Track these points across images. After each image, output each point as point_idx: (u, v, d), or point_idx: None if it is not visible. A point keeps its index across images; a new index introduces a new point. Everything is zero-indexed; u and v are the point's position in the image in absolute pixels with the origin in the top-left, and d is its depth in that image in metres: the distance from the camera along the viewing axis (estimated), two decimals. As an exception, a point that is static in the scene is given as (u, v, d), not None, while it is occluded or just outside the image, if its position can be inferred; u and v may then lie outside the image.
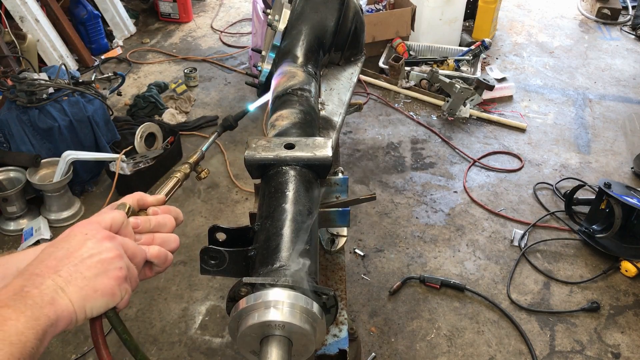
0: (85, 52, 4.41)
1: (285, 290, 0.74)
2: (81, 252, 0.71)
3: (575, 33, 5.11)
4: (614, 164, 3.50)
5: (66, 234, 0.74)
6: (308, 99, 1.25)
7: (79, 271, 0.69)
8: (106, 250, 0.73)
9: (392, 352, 2.38)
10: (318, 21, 1.48)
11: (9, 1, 3.84)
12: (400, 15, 4.35)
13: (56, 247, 0.71)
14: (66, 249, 0.71)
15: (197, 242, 2.89)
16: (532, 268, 2.78)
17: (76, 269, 0.69)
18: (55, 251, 0.70)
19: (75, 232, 0.73)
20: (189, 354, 2.37)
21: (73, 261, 0.70)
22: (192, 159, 1.19)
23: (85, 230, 0.74)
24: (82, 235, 0.73)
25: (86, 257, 0.71)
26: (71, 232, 0.74)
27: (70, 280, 0.68)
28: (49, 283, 0.66)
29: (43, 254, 0.70)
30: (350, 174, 3.36)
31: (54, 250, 0.71)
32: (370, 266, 2.78)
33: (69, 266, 0.69)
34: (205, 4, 5.60)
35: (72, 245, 0.71)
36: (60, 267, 0.68)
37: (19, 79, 2.86)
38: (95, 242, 0.73)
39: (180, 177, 1.10)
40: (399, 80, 4.14)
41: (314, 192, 0.98)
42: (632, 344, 2.44)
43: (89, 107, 3.07)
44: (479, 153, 3.56)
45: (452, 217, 3.08)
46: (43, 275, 0.66)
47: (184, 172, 1.13)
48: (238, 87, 4.20)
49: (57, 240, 0.73)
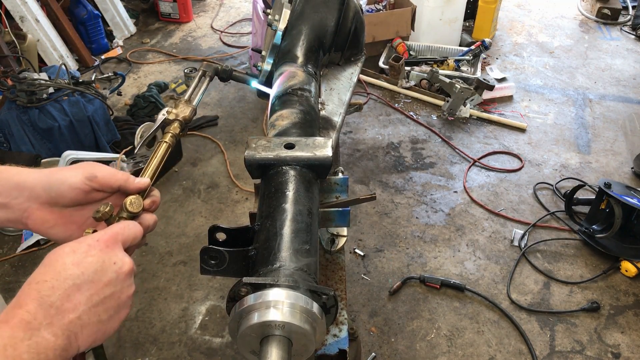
0: (85, 52, 4.41)
1: (285, 290, 0.74)
2: (104, 291, 0.69)
3: (576, 33, 5.11)
4: (614, 164, 3.50)
5: (94, 256, 0.69)
6: (308, 99, 1.25)
7: (97, 313, 0.68)
8: (127, 288, 0.72)
9: (392, 352, 2.38)
10: (318, 21, 1.48)
11: (9, 1, 3.84)
12: (400, 15, 4.35)
13: (83, 270, 0.67)
14: (91, 281, 0.67)
15: (197, 242, 2.89)
16: (532, 268, 2.78)
17: (96, 310, 0.67)
18: (82, 278, 0.67)
19: (104, 260, 0.70)
20: (189, 354, 2.37)
21: (95, 299, 0.67)
22: (182, 115, 1.10)
23: (114, 259, 0.71)
24: (111, 265, 0.70)
25: (108, 296, 0.69)
26: (100, 254, 0.70)
27: (86, 325, 0.66)
28: (66, 326, 0.64)
29: (67, 275, 0.66)
30: (350, 174, 3.36)
31: (80, 276, 0.67)
32: (370, 266, 2.78)
33: (90, 306, 0.67)
34: (205, 4, 5.60)
35: (98, 277, 0.68)
36: (82, 305, 0.66)
37: (19, 79, 2.86)
38: (120, 280, 0.71)
39: (170, 142, 1.02)
40: (399, 80, 4.14)
41: (314, 192, 0.98)
42: (632, 344, 2.43)
43: (89, 107, 3.07)
44: (479, 153, 3.56)
45: (452, 217, 3.08)
46: (63, 314, 0.64)
47: (173, 133, 1.04)
48: (238, 87, 4.20)
49: (83, 258, 0.68)
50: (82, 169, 0.82)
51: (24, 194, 0.80)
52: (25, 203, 0.80)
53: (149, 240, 2.89)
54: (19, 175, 0.80)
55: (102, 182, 0.82)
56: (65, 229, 0.84)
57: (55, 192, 0.80)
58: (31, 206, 0.80)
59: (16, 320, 0.60)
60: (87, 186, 0.81)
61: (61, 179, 0.80)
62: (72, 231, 0.84)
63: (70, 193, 0.81)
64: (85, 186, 0.81)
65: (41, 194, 0.80)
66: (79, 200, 0.82)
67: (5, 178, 0.79)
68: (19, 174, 0.80)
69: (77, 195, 0.81)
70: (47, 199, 0.81)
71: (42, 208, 0.81)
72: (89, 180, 0.81)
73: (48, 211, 0.82)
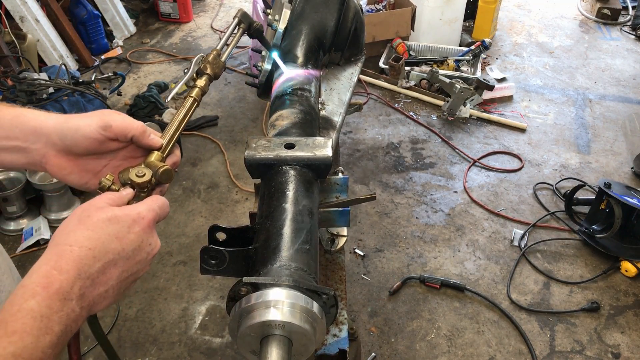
0: (85, 52, 4.41)
1: (285, 289, 0.74)
2: (133, 268, 0.70)
3: (575, 33, 5.11)
4: (614, 164, 3.50)
5: (136, 234, 0.70)
6: (308, 99, 1.25)
7: (120, 287, 0.69)
8: (147, 266, 0.73)
9: (392, 352, 2.38)
10: (318, 21, 1.48)
11: (9, 1, 3.84)
12: (400, 15, 4.35)
13: (124, 247, 0.69)
14: (127, 258, 0.69)
15: (197, 242, 2.89)
16: (532, 268, 2.78)
17: (120, 285, 0.69)
18: (121, 254, 0.68)
19: (143, 240, 0.71)
20: (189, 354, 2.37)
21: (124, 276, 0.69)
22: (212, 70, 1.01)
23: (150, 240, 0.72)
24: (147, 246, 0.72)
25: (134, 273, 0.71)
26: (141, 233, 0.71)
27: (109, 297, 0.68)
28: (93, 298, 0.65)
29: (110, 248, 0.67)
30: (350, 174, 3.36)
31: (121, 252, 0.68)
32: (370, 266, 2.78)
33: (118, 282, 0.68)
34: (205, 4, 5.60)
35: (133, 255, 0.70)
36: (112, 280, 0.67)
37: (19, 79, 2.86)
38: (148, 260, 0.73)
39: (197, 97, 0.97)
40: (399, 80, 4.14)
41: (314, 192, 0.98)
42: (632, 344, 2.43)
43: (89, 107, 3.08)
44: (479, 153, 3.56)
45: (452, 217, 3.08)
46: (95, 287, 0.65)
47: (200, 88, 0.98)
48: (238, 87, 4.20)
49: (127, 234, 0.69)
50: (97, 118, 0.81)
51: (42, 140, 0.80)
52: (43, 148, 0.80)
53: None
54: (35, 120, 0.80)
55: (117, 131, 0.81)
56: (81, 176, 0.84)
57: (69, 140, 0.80)
58: (49, 152, 0.80)
59: (55, 287, 0.60)
60: (102, 136, 0.80)
61: (74, 127, 0.80)
62: (88, 179, 0.85)
63: (84, 142, 0.80)
64: (100, 136, 0.80)
65: (57, 141, 0.80)
66: (94, 149, 0.82)
67: (23, 122, 0.80)
68: (36, 118, 0.80)
69: (91, 144, 0.81)
70: (62, 147, 0.80)
71: (58, 155, 0.81)
72: (103, 129, 0.80)
73: (65, 158, 0.82)
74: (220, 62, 1.04)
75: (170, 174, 0.84)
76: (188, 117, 0.94)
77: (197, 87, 0.98)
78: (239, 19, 1.16)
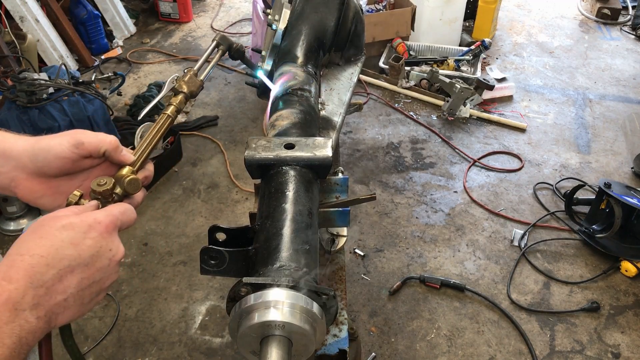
0: (85, 52, 4.41)
1: (285, 290, 0.74)
2: (94, 276, 0.67)
3: (575, 33, 5.11)
4: (614, 164, 3.50)
5: (93, 239, 0.68)
6: (308, 99, 1.25)
7: (82, 297, 0.66)
8: (113, 275, 0.71)
9: (392, 352, 2.38)
10: (318, 21, 1.48)
11: (9, 1, 3.84)
12: (400, 15, 4.35)
13: (80, 252, 0.66)
14: (85, 265, 0.66)
15: (197, 242, 2.89)
16: (532, 268, 2.78)
17: (82, 294, 0.66)
18: (77, 260, 0.65)
19: (102, 246, 0.68)
20: (189, 354, 2.37)
21: (84, 284, 0.66)
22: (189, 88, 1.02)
23: (110, 245, 0.70)
24: (107, 251, 0.69)
25: (96, 281, 0.68)
26: (99, 238, 0.68)
27: (69, 307, 0.65)
28: (51, 308, 0.62)
29: (64, 255, 0.64)
30: (350, 174, 3.36)
31: (77, 258, 0.65)
32: (370, 266, 2.78)
33: (78, 290, 0.65)
34: (205, 4, 5.60)
35: (92, 262, 0.67)
36: (71, 288, 0.64)
37: (19, 79, 2.86)
38: (110, 267, 0.70)
39: (172, 115, 0.97)
40: (399, 80, 4.14)
41: (314, 192, 0.98)
42: (632, 344, 2.43)
43: (89, 107, 3.07)
44: (479, 153, 3.56)
45: (452, 217, 3.08)
46: (51, 296, 0.62)
47: (176, 106, 0.99)
48: (238, 87, 4.20)
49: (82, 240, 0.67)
50: (68, 136, 0.78)
51: (11, 163, 0.77)
52: (12, 172, 0.77)
53: (148, 240, 2.89)
54: (3, 143, 0.77)
55: (90, 148, 0.79)
56: (53, 199, 0.81)
57: (41, 161, 0.77)
58: (18, 175, 0.78)
59: (4, 298, 0.58)
60: (74, 154, 0.78)
61: (46, 148, 0.77)
62: (60, 201, 0.81)
63: (57, 162, 0.77)
64: (73, 154, 0.78)
65: (27, 163, 0.77)
66: (67, 169, 0.79)
67: None
68: (5, 141, 0.77)
69: (64, 164, 0.78)
70: (33, 169, 0.78)
71: (29, 178, 0.78)
72: (75, 147, 0.77)
73: (36, 181, 0.79)
74: (197, 81, 1.04)
75: (137, 184, 0.82)
76: (162, 133, 0.94)
77: (172, 104, 0.99)
78: (217, 41, 1.18)
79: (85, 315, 0.69)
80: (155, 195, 3.18)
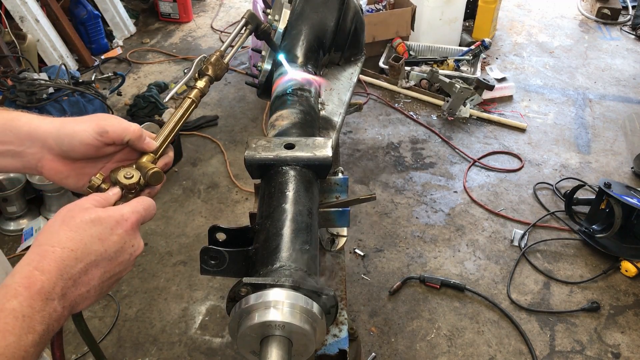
0: (85, 52, 4.41)
1: (285, 290, 0.74)
2: (115, 269, 0.71)
3: (575, 33, 5.11)
4: (614, 164, 3.50)
5: (119, 236, 0.71)
6: (308, 99, 1.25)
7: (102, 288, 0.70)
8: (130, 267, 0.74)
9: (392, 352, 2.38)
10: (318, 21, 1.48)
11: (9, 1, 3.84)
12: (400, 15, 4.35)
13: (107, 248, 0.69)
14: (109, 259, 0.70)
15: (197, 242, 2.89)
16: (532, 268, 2.78)
17: (102, 285, 0.70)
18: (103, 255, 0.69)
19: (126, 241, 0.72)
20: (189, 354, 2.37)
21: (106, 276, 0.70)
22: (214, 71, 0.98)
23: (133, 242, 0.73)
24: (130, 247, 0.72)
25: (116, 273, 0.71)
26: (124, 235, 0.72)
27: (90, 297, 0.69)
28: (75, 298, 0.66)
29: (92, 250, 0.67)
30: (350, 174, 3.36)
31: (103, 253, 0.69)
32: (370, 266, 2.78)
33: (100, 282, 0.69)
34: (205, 4, 5.60)
35: (116, 256, 0.71)
36: (94, 281, 0.68)
37: (19, 79, 2.86)
38: (130, 261, 0.73)
39: (196, 98, 0.95)
40: (399, 80, 4.14)
41: (314, 192, 0.98)
42: (632, 344, 2.43)
43: (89, 107, 3.08)
44: (479, 153, 3.56)
45: (452, 217, 3.08)
46: (77, 287, 0.66)
47: (200, 89, 0.96)
48: (238, 87, 4.20)
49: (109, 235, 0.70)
50: (93, 123, 0.80)
51: (37, 144, 0.80)
52: (38, 153, 0.80)
53: (148, 240, 2.89)
54: (29, 125, 0.80)
55: (114, 136, 0.81)
56: (77, 179, 0.85)
57: (66, 145, 0.80)
58: (45, 156, 0.81)
59: (37, 287, 0.61)
60: (98, 141, 0.80)
61: (71, 133, 0.80)
62: (84, 182, 0.85)
63: (81, 148, 0.80)
64: (96, 141, 0.80)
65: (53, 146, 0.80)
66: (90, 154, 0.82)
67: (16, 127, 0.80)
68: (30, 122, 0.80)
69: (87, 150, 0.81)
70: (59, 151, 0.81)
71: (55, 159, 0.81)
72: (99, 135, 0.80)
73: (61, 162, 0.82)
74: (223, 63, 1.02)
75: (160, 177, 0.83)
76: (185, 119, 0.93)
77: (196, 88, 0.97)
78: (247, 19, 1.13)
79: None
80: (155, 195, 3.18)
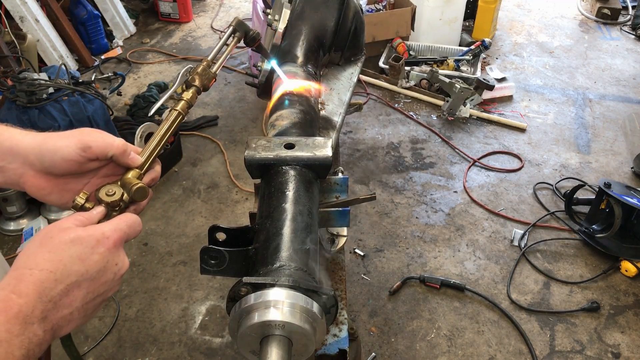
0: (85, 52, 4.41)
1: (285, 290, 0.74)
2: (99, 289, 0.69)
3: (575, 33, 5.11)
4: (614, 164, 3.50)
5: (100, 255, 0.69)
6: (308, 99, 1.25)
7: (86, 309, 0.68)
8: (116, 287, 0.72)
9: (392, 352, 2.38)
10: (318, 21, 1.48)
11: (9, 1, 3.84)
12: (400, 15, 4.35)
13: (88, 268, 0.67)
14: (91, 279, 0.67)
15: (197, 242, 2.89)
16: (532, 268, 2.78)
17: (86, 307, 0.67)
18: (85, 276, 0.66)
19: (109, 260, 0.70)
20: (189, 354, 2.37)
21: (89, 297, 0.67)
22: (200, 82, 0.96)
23: (116, 260, 0.71)
24: (113, 266, 0.70)
25: (100, 294, 0.69)
26: (107, 253, 0.69)
27: (74, 320, 0.66)
28: (57, 321, 0.63)
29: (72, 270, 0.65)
30: (350, 174, 3.36)
31: (84, 274, 0.66)
32: (370, 266, 2.78)
33: (83, 304, 0.67)
34: (205, 4, 5.60)
35: (99, 276, 0.68)
36: (77, 302, 0.66)
37: (19, 79, 2.86)
38: (115, 280, 0.71)
39: (182, 110, 0.92)
40: (399, 80, 4.14)
41: (314, 192, 0.98)
42: (632, 344, 2.43)
43: (89, 107, 3.07)
44: (479, 153, 3.56)
45: (452, 217, 3.08)
46: (58, 310, 0.64)
47: (187, 101, 0.93)
48: (238, 87, 4.20)
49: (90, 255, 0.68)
50: (75, 139, 0.78)
51: (18, 160, 0.78)
52: (20, 168, 0.78)
53: (148, 240, 2.89)
54: (10, 140, 0.78)
55: (97, 152, 0.79)
56: (61, 196, 0.83)
57: (48, 162, 0.78)
58: (26, 172, 0.79)
59: (14, 311, 0.59)
60: (82, 157, 0.79)
61: (53, 149, 0.78)
62: (68, 198, 0.82)
63: (63, 164, 0.78)
64: (79, 157, 0.78)
65: (34, 162, 0.78)
66: (73, 170, 0.80)
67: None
68: (12, 138, 0.78)
69: (70, 166, 0.79)
70: (40, 168, 0.79)
71: (37, 175, 0.79)
72: (82, 151, 0.78)
73: (43, 179, 0.80)
74: (210, 73, 1.00)
75: (145, 193, 0.82)
76: (171, 132, 0.91)
77: (182, 99, 0.94)
78: (234, 27, 1.13)
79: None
80: (155, 195, 3.18)
